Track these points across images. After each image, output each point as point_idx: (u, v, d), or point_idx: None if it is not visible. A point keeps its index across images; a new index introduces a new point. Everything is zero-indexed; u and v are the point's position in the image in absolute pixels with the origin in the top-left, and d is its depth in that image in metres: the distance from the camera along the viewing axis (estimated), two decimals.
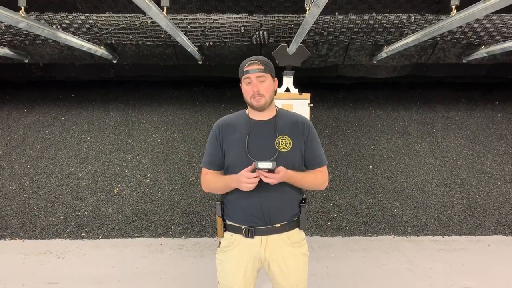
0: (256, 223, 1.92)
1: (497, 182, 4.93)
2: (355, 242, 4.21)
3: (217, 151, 1.99)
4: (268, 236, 1.93)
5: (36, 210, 4.55)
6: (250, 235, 1.92)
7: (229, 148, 1.96)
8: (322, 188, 2.06)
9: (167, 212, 4.55)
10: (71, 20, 3.89)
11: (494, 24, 4.01)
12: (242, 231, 1.93)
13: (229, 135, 1.98)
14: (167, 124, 5.69)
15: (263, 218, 1.91)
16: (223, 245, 2.01)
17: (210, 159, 2.03)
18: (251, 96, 1.91)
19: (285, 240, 1.96)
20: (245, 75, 1.91)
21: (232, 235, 1.98)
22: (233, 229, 1.98)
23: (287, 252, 1.97)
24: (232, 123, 2.02)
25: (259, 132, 1.96)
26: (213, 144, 2.01)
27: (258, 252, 1.94)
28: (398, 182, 4.94)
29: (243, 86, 1.95)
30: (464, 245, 4.10)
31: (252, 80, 1.90)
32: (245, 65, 1.93)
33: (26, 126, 5.58)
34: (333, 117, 5.88)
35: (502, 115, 5.89)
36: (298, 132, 2.00)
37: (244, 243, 1.95)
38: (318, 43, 4.40)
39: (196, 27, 4.02)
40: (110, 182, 4.88)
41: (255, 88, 1.89)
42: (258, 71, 1.90)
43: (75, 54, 4.62)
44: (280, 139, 1.94)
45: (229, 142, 1.96)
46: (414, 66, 5.36)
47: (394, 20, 3.95)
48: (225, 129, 2.00)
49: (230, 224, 1.99)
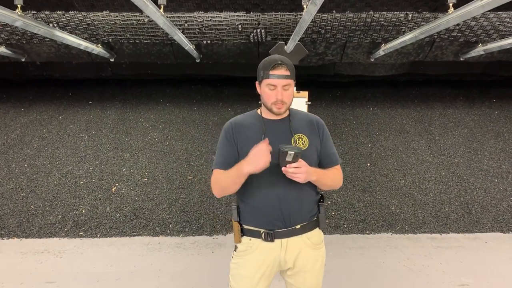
0: (276, 225, 1.83)
1: (494, 180, 4.94)
2: (353, 239, 4.21)
3: (232, 151, 1.88)
4: (289, 239, 1.85)
5: (33, 209, 4.54)
6: (270, 239, 1.83)
7: (244, 147, 1.82)
8: (338, 187, 1.99)
9: (165, 211, 4.54)
10: (68, 18, 3.88)
11: (491, 22, 4.02)
12: (261, 235, 1.84)
13: (243, 134, 1.88)
14: (165, 122, 5.69)
15: (283, 219, 1.82)
16: (240, 249, 1.91)
17: (224, 159, 1.87)
18: (272, 102, 1.81)
19: (305, 241, 1.88)
20: (270, 79, 1.77)
21: (251, 239, 1.87)
22: (251, 233, 1.88)
23: (308, 254, 1.89)
24: (244, 123, 1.93)
25: (274, 131, 1.87)
26: (226, 144, 1.89)
27: (278, 256, 1.85)
28: (395, 180, 4.95)
29: (263, 89, 1.82)
30: (462, 243, 4.11)
31: (277, 87, 1.78)
32: (270, 67, 1.76)
33: (23, 125, 5.56)
34: (330, 115, 5.88)
35: (499, 113, 5.91)
36: (313, 130, 1.94)
37: (263, 247, 1.85)
38: (315, 41, 4.40)
39: (194, 25, 4.01)
40: (108, 181, 4.87)
41: (279, 96, 1.78)
42: (285, 77, 1.77)
43: (72, 53, 4.61)
44: (296, 137, 1.87)
45: (244, 141, 1.85)
46: (411, 64, 5.36)
47: (392, 18, 3.96)
48: (239, 128, 1.90)
49: (248, 228, 1.88)
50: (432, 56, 4.80)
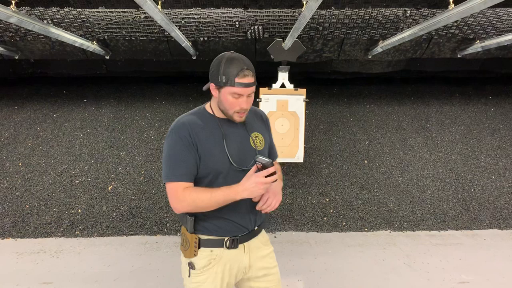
0: (241, 231, 1.73)
1: (492, 177, 4.95)
2: (351, 237, 4.20)
3: (193, 158, 1.62)
4: (250, 242, 1.78)
5: (28, 209, 4.48)
6: (234, 245, 1.71)
7: (206, 154, 1.63)
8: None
9: (162, 210, 4.50)
10: (63, 15, 3.82)
11: (489, 19, 4.01)
12: (225, 243, 1.70)
13: (202, 138, 1.64)
14: (161, 120, 5.63)
15: (250, 224, 1.75)
16: (201, 266, 1.71)
17: (186, 170, 1.61)
18: (236, 111, 1.64)
19: (262, 241, 1.85)
20: (236, 88, 1.57)
21: (212, 251, 1.71)
22: (212, 243, 1.71)
23: (264, 253, 1.85)
24: (199, 123, 1.67)
25: (232, 132, 1.71)
26: (185, 151, 1.60)
27: (242, 261, 1.76)
28: (393, 177, 4.95)
29: (225, 96, 1.60)
30: (460, 240, 4.12)
31: (243, 96, 1.61)
32: (236, 73, 1.55)
33: (17, 123, 5.48)
34: (327, 112, 5.86)
35: (495, 110, 5.92)
36: (264, 126, 1.88)
37: (226, 256, 1.72)
38: (313, 38, 4.37)
39: (191, 21, 3.96)
40: (104, 180, 4.82)
41: (244, 105, 1.62)
42: (251, 85, 1.60)
43: (67, 50, 4.54)
44: (253, 136, 1.76)
45: (205, 147, 1.63)
46: (408, 61, 5.36)
47: (390, 14, 3.94)
48: (197, 130, 1.64)
49: (209, 238, 1.71)
50: (429, 53, 4.79)
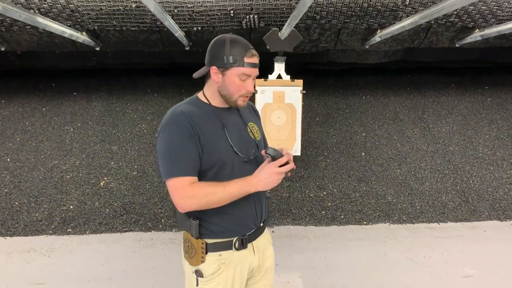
0: (249, 228, 1.63)
1: (490, 167, 4.91)
2: (350, 231, 4.13)
3: (196, 151, 1.48)
4: (258, 240, 1.69)
5: (18, 206, 4.34)
6: (243, 245, 1.60)
7: (209, 145, 1.51)
8: None
9: (156, 205, 4.39)
10: (50, 4, 3.65)
11: (489, 7, 3.93)
12: (234, 245, 1.59)
13: (203, 128, 1.51)
14: (153, 113, 5.50)
15: (256, 219, 1.65)
16: (210, 272, 1.58)
17: (191, 163, 1.48)
18: (241, 95, 1.56)
19: (267, 238, 1.78)
20: (246, 68, 1.49)
21: (221, 254, 1.58)
22: (220, 246, 1.58)
23: (270, 252, 1.79)
24: (198, 113, 1.55)
25: (230, 121, 1.62)
26: (188, 142, 1.47)
27: (252, 262, 1.66)
28: (391, 169, 4.88)
29: (232, 78, 1.51)
30: (461, 232, 4.07)
31: (250, 77, 1.54)
32: (245, 53, 1.49)
33: (5, 118, 5.31)
34: (323, 104, 5.77)
35: (492, 100, 5.88)
36: (256, 117, 1.82)
37: (236, 258, 1.61)
38: (310, 28, 4.27)
39: (184, 11, 3.83)
40: (96, 175, 4.69)
41: (250, 88, 1.55)
42: (258, 66, 1.56)
43: (55, 41, 4.38)
44: (250, 127, 1.69)
45: (207, 138, 1.51)
46: (405, 51, 5.28)
47: (389, 3, 3.83)
48: (196, 120, 1.50)
49: (216, 242, 1.58)
50: (427, 42, 4.71)
